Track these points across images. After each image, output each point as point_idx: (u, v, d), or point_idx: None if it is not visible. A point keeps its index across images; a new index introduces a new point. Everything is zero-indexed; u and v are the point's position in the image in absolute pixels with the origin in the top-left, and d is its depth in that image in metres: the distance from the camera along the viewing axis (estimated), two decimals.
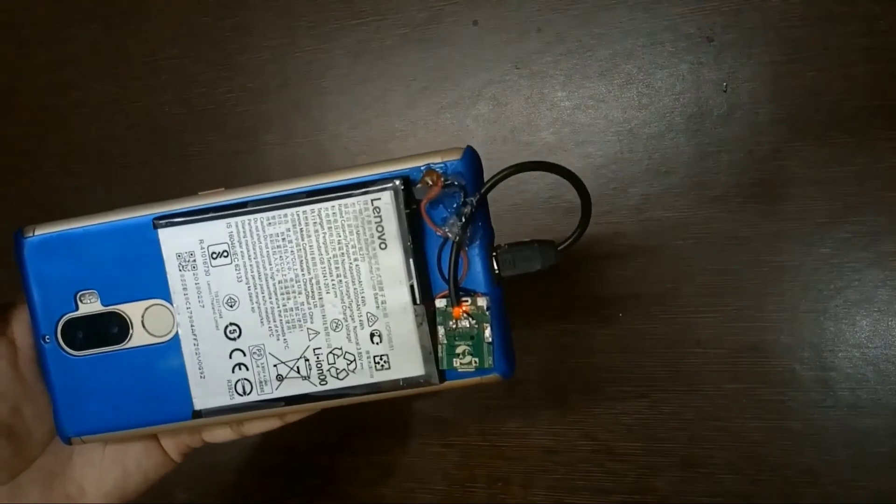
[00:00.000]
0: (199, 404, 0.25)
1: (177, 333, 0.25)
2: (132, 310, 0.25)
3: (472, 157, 0.24)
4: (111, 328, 0.25)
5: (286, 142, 0.43)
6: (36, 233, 0.25)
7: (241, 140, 0.43)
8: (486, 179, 0.24)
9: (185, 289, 0.25)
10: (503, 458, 0.39)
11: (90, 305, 0.25)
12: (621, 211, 0.38)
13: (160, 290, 0.25)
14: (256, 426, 0.28)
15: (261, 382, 0.25)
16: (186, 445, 0.29)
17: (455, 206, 0.24)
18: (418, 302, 0.24)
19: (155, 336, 0.25)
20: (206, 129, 0.44)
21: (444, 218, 0.24)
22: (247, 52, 0.43)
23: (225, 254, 0.24)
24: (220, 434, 0.28)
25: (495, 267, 0.24)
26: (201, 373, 0.25)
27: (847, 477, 0.35)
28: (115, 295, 0.25)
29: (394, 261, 0.24)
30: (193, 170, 0.44)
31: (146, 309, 0.25)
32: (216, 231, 0.24)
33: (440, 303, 0.24)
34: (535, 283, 0.39)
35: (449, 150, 0.24)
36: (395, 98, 0.41)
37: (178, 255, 0.25)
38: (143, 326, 0.25)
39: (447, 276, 0.24)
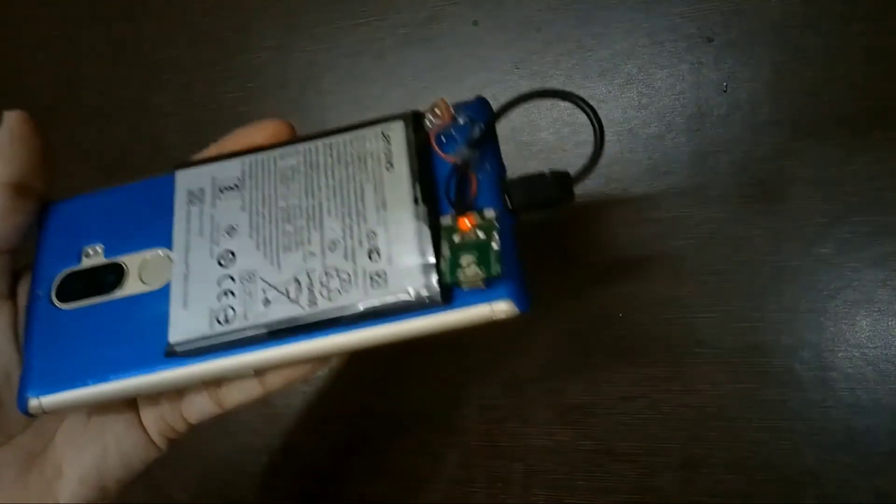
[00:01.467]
0: (174, 336, 0.23)
1: (170, 281, 0.24)
2: (132, 260, 0.24)
3: (483, 103, 0.25)
4: (107, 279, 0.24)
5: None
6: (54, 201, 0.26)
7: None
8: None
9: (188, 219, 0.24)
10: (503, 458, 0.39)
11: (92, 259, 0.25)
12: (621, 211, 0.38)
13: (164, 239, 0.24)
14: (235, 393, 0.26)
15: (246, 310, 0.23)
16: (168, 425, 0.27)
17: (465, 134, 0.23)
18: (422, 219, 0.22)
19: (148, 285, 0.24)
20: (206, 129, 0.44)
21: (454, 147, 0.23)
22: (247, 52, 0.43)
23: (235, 187, 0.24)
24: (199, 405, 0.26)
25: (506, 198, 0.23)
26: (185, 303, 0.23)
27: (847, 477, 0.35)
28: (119, 246, 0.24)
29: (399, 179, 0.23)
30: None
31: (146, 259, 0.24)
32: (230, 169, 0.24)
33: (446, 219, 0.22)
34: (535, 283, 0.39)
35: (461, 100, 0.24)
36: (395, 98, 0.41)
37: (189, 192, 0.24)
38: (139, 276, 0.24)
39: (454, 199, 0.23)
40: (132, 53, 0.45)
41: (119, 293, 0.24)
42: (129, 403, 0.27)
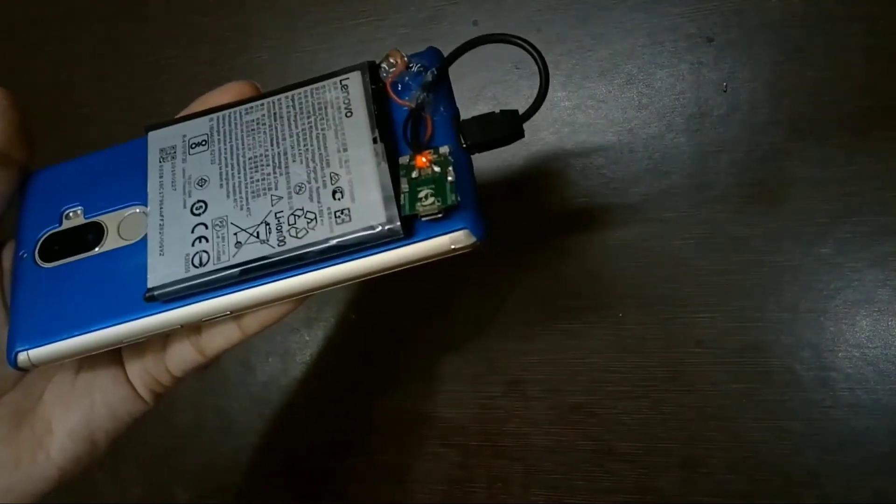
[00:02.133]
0: (152, 281, 0.24)
1: (145, 233, 0.25)
2: (111, 219, 0.26)
3: (435, 51, 0.25)
4: (87, 237, 0.25)
5: None
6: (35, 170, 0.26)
7: None
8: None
9: (161, 175, 0.25)
10: (503, 458, 0.39)
11: (73, 220, 0.26)
12: (621, 211, 0.38)
13: (141, 194, 0.25)
14: (216, 338, 0.26)
15: (219, 252, 0.24)
16: (153, 378, 0.27)
17: (419, 80, 0.25)
18: (381, 157, 0.24)
19: (126, 240, 0.25)
20: None
21: (409, 92, 0.25)
22: (247, 52, 0.43)
23: (203, 143, 0.25)
24: (182, 354, 0.27)
25: (460, 136, 0.24)
26: (161, 250, 0.24)
27: (847, 477, 0.35)
28: (98, 206, 0.26)
29: (358, 123, 0.24)
30: None
31: (124, 217, 0.25)
32: (199, 126, 0.26)
33: (404, 159, 0.24)
34: (535, 283, 0.39)
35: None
36: None
37: (162, 150, 0.25)
38: (118, 233, 0.25)
39: (410, 139, 0.24)
40: (132, 53, 0.45)
41: (99, 249, 0.25)
42: (115, 359, 0.27)
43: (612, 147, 0.38)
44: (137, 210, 0.25)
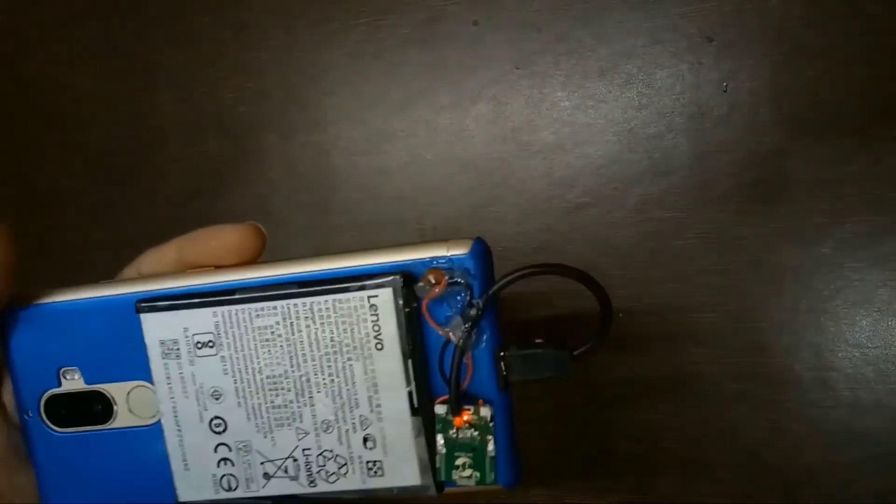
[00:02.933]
0: (183, 496, 0.24)
1: (160, 420, 0.24)
2: (116, 390, 0.24)
3: (480, 251, 0.22)
4: (95, 407, 0.24)
5: (286, 142, 0.43)
6: (17, 307, 0.24)
7: (241, 140, 0.43)
8: (495, 276, 0.22)
9: (168, 378, 0.24)
10: None
11: (73, 383, 0.24)
12: (621, 211, 0.38)
13: (143, 372, 0.24)
14: None
15: (247, 479, 0.24)
16: None
17: (460, 303, 0.22)
18: (417, 412, 0.22)
19: (139, 418, 0.24)
20: (206, 129, 0.44)
21: (448, 316, 0.22)
22: (247, 52, 0.43)
23: (210, 344, 0.23)
24: None
25: (503, 371, 0.22)
26: (185, 464, 0.24)
27: (847, 477, 0.35)
28: (97, 374, 0.24)
29: (391, 364, 0.22)
30: (193, 170, 0.44)
31: (130, 390, 0.24)
32: (202, 319, 0.23)
33: (440, 409, 0.22)
34: (535, 283, 0.39)
35: (456, 241, 0.22)
36: (394, 98, 0.41)
37: (162, 343, 0.23)
38: (128, 407, 0.24)
39: (448, 380, 0.22)
40: (132, 53, 0.45)
41: (114, 424, 0.24)
42: None
43: (612, 147, 0.38)
44: (145, 386, 0.24)
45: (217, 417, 0.24)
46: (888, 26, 0.35)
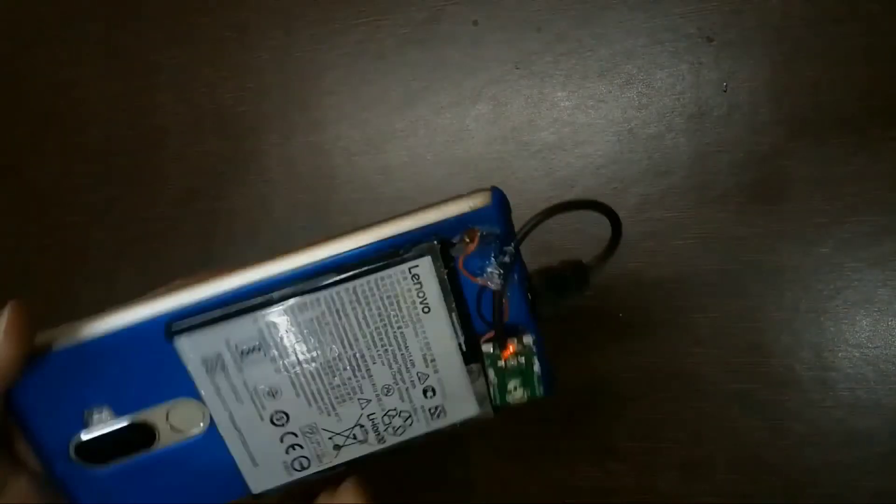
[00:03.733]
0: (256, 488, 0.24)
1: (211, 426, 0.23)
2: (154, 414, 0.23)
3: (500, 200, 0.23)
4: (133, 437, 0.23)
5: (286, 142, 0.43)
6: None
7: (241, 140, 0.43)
8: (515, 226, 0.24)
9: (218, 391, 0.23)
10: (504, 458, 0.39)
11: (103, 420, 0.23)
12: (621, 211, 0.37)
13: (184, 389, 0.23)
14: None
15: (318, 456, 0.24)
16: None
17: (490, 251, 0.23)
18: (467, 356, 0.24)
19: (184, 433, 0.23)
20: (206, 129, 0.44)
21: (481, 267, 0.23)
22: (247, 52, 0.43)
23: (257, 348, 0.22)
24: None
25: (531, 300, 0.24)
26: (253, 461, 0.24)
27: (847, 477, 0.35)
28: (129, 405, 0.23)
29: (439, 323, 0.23)
30: (194, 170, 0.44)
31: (169, 410, 0.23)
32: (243, 328, 0.22)
33: (487, 347, 0.24)
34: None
35: (475, 193, 0.23)
36: (394, 98, 0.41)
37: (205, 360, 0.22)
38: (170, 426, 0.23)
39: (490, 321, 0.24)
40: (132, 53, 0.45)
41: (158, 445, 0.23)
42: None
43: (612, 147, 0.38)
44: (185, 401, 0.23)
45: (278, 412, 0.24)
46: (888, 26, 0.35)
